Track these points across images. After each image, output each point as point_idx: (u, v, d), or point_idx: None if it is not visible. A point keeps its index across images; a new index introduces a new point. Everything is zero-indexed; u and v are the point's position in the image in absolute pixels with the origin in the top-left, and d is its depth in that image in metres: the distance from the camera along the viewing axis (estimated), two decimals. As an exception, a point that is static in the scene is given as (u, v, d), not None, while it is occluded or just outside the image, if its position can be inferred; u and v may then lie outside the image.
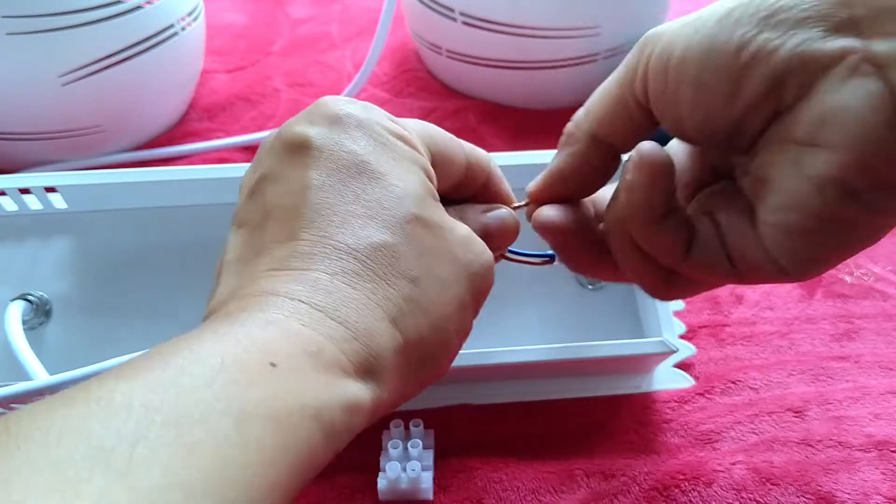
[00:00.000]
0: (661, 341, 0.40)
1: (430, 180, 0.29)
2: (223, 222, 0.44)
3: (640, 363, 0.43)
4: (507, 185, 0.34)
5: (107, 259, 0.45)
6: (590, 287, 0.46)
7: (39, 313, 0.43)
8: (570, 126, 0.34)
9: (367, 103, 0.29)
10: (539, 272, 0.46)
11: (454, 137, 0.32)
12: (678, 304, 0.46)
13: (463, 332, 0.28)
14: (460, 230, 0.29)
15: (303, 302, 0.24)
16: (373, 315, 0.25)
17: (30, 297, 0.43)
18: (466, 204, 0.33)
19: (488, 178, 0.33)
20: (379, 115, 0.29)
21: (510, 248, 0.35)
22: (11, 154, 0.57)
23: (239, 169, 0.44)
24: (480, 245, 0.29)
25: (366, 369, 0.24)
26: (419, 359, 0.26)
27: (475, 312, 0.29)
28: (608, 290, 0.46)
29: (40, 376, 0.36)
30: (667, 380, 0.45)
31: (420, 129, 0.30)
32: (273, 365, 0.21)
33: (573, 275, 0.46)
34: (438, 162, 0.30)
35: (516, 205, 0.34)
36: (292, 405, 0.21)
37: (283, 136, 0.28)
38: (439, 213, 0.28)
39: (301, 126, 0.28)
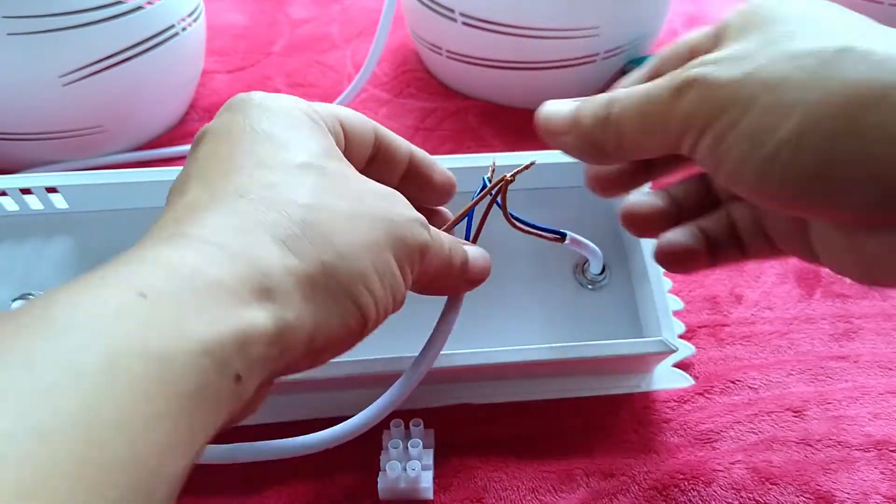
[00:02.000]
0: (660, 341, 0.41)
1: (335, 149, 0.29)
2: None
3: (640, 363, 0.43)
4: (438, 167, 0.36)
5: (108, 259, 0.45)
6: (589, 287, 0.46)
7: None
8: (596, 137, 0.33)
9: (276, 94, 0.30)
10: (539, 272, 0.46)
11: (367, 120, 0.32)
12: (678, 304, 0.46)
13: (383, 271, 0.26)
14: (377, 185, 0.28)
15: (177, 235, 0.23)
16: (254, 236, 0.23)
17: (31, 297, 0.43)
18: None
19: (410, 157, 0.35)
20: (281, 96, 0.29)
21: (523, 219, 0.35)
22: (12, 154, 0.57)
23: None
24: (404, 203, 0.29)
25: (256, 290, 0.22)
26: (329, 287, 0.24)
27: (406, 266, 0.28)
28: (608, 290, 0.46)
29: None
30: (666, 379, 0.45)
31: (331, 108, 0.31)
32: (142, 295, 0.20)
33: (573, 274, 0.46)
34: (356, 141, 0.31)
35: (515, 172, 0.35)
36: (168, 335, 0.19)
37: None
38: (341, 166, 0.28)
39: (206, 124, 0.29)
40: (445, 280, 0.32)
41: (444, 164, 0.45)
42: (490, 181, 0.35)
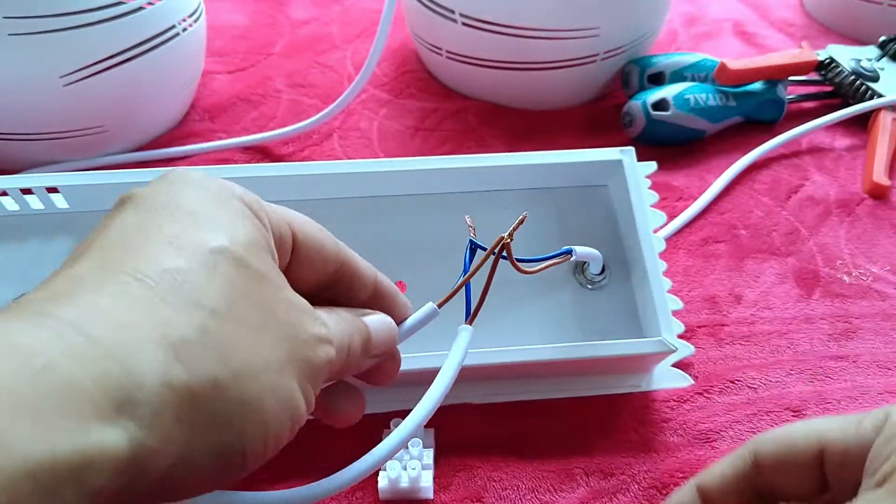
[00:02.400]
0: (660, 341, 0.41)
1: (267, 244, 0.25)
2: None
3: (640, 362, 0.44)
4: (401, 299, 0.31)
5: None
6: (589, 287, 0.46)
7: None
8: None
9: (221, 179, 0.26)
10: (539, 273, 0.46)
11: (324, 230, 0.28)
12: (677, 304, 0.46)
13: (284, 401, 0.23)
14: (296, 298, 0.25)
15: (44, 314, 0.19)
16: (138, 333, 0.19)
17: None
18: (341, 308, 0.29)
19: (375, 285, 0.30)
20: (226, 182, 0.25)
21: (524, 258, 0.33)
22: (13, 154, 0.57)
23: (241, 169, 0.44)
24: (321, 320, 0.25)
25: (118, 401, 0.18)
26: (212, 410, 0.20)
27: (303, 387, 0.24)
28: (608, 290, 0.46)
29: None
30: (666, 379, 0.45)
31: (278, 209, 0.27)
32: None
33: (573, 274, 0.46)
34: (308, 256, 0.27)
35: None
36: None
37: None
38: (264, 265, 0.24)
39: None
40: (348, 371, 0.28)
41: (445, 165, 0.46)
42: (475, 239, 0.33)
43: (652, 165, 0.48)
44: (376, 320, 0.29)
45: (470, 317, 0.33)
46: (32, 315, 0.19)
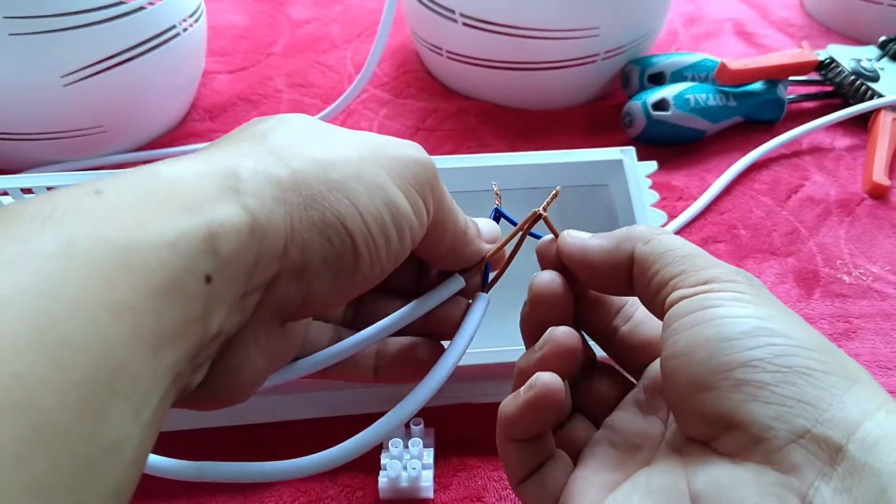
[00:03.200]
0: None
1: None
2: None
3: None
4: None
5: None
6: None
7: None
8: None
9: None
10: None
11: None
12: None
13: (374, 189, 0.25)
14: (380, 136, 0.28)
15: (182, 160, 0.23)
16: (225, 153, 0.23)
17: None
18: None
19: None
20: None
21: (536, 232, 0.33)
22: (13, 154, 0.57)
23: None
24: (400, 141, 0.28)
25: (221, 188, 0.21)
26: (299, 190, 0.23)
27: (401, 183, 0.26)
28: None
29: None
30: None
31: None
32: (98, 192, 0.19)
33: None
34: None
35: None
36: (128, 226, 0.19)
37: None
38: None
39: None
40: (462, 244, 0.31)
41: (445, 165, 0.46)
42: (500, 207, 0.34)
43: (652, 165, 0.48)
44: (482, 220, 0.33)
45: (487, 285, 0.33)
46: (171, 160, 0.23)
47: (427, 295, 0.32)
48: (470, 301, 0.33)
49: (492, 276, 0.34)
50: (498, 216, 0.34)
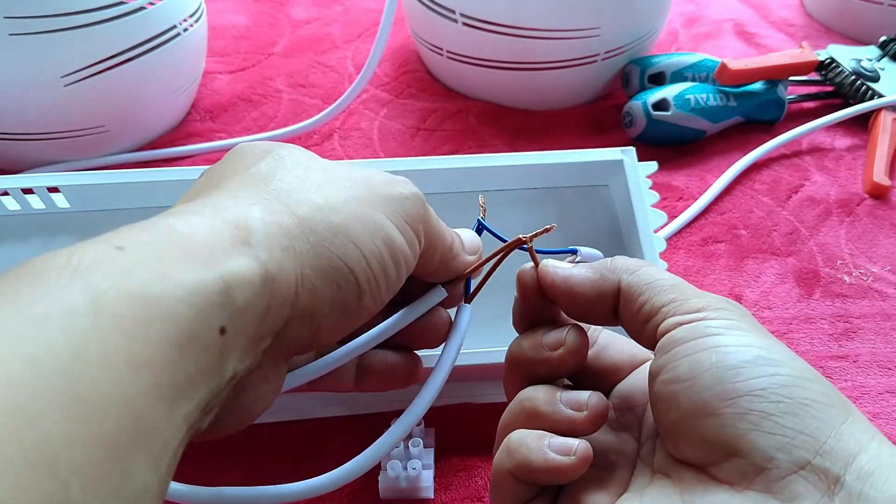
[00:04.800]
0: None
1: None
2: None
3: None
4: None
5: None
6: None
7: None
8: None
9: None
10: None
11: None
12: None
13: (373, 229, 0.26)
14: (366, 170, 0.30)
15: (173, 210, 0.24)
16: (232, 200, 0.24)
17: None
18: None
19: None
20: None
21: (536, 248, 0.34)
22: (14, 154, 0.57)
23: None
24: (390, 176, 0.30)
25: (233, 241, 0.23)
26: (309, 239, 0.25)
27: (395, 220, 0.28)
28: None
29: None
30: None
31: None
32: (120, 248, 0.20)
33: None
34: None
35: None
36: (147, 281, 0.20)
37: None
38: (330, 162, 0.29)
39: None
40: (449, 258, 0.32)
41: (445, 165, 0.46)
42: (483, 220, 0.35)
43: (652, 165, 0.48)
44: (463, 231, 0.34)
45: (469, 296, 0.34)
46: (165, 215, 0.23)
47: (411, 306, 0.33)
48: (451, 309, 0.34)
49: (474, 283, 0.35)
50: (481, 229, 0.35)
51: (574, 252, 0.37)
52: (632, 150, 0.47)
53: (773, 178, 0.61)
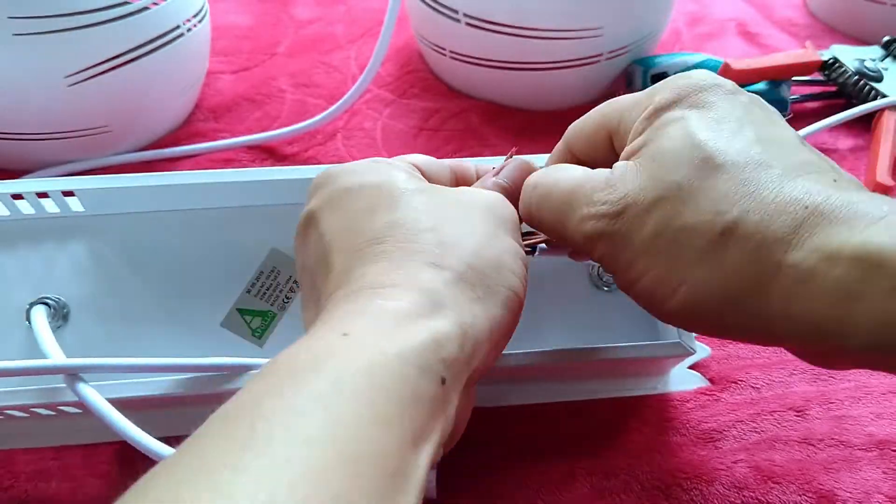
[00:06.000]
0: (677, 343, 0.40)
1: (414, 173, 0.33)
2: (240, 225, 0.45)
3: (657, 365, 0.43)
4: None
5: (124, 262, 0.45)
6: (605, 289, 0.46)
7: (57, 317, 0.43)
8: None
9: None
10: (554, 274, 0.46)
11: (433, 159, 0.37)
12: None
13: (510, 251, 0.30)
14: (455, 189, 0.33)
15: (349, 294, 0.27)
16: (408, 267, 0.28)
17: (48, 301, 0.43)
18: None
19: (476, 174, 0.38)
20: (352, 163, 0.34)
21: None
22: (18, 154, 0.57)
23: (253, 172, 0.44)
24: (478, 190, 0.33)
25: (432, 306, 0.27)
26: (479, 281, 0.28)
27: (512, 234, 0.32)
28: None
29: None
30: (682, 381, 0.45)
31: (404, 158, 0.35)
32: (345, 335, 0.24)
33: (588, 276, 0.46)
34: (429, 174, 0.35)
35: None
36: (374, 355, 0.24)
37: (302, 216, 0.33)
38: (428, 185, 0.32)
39: (308, 205, 0.33)
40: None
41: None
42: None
43: None
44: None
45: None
46: (344, 298, 0.27)
47: None
48: None
49: None
50: None
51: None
52: None
53: (776, 178, 0.61)
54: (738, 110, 0.30)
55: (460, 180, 0.37)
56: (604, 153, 0.34)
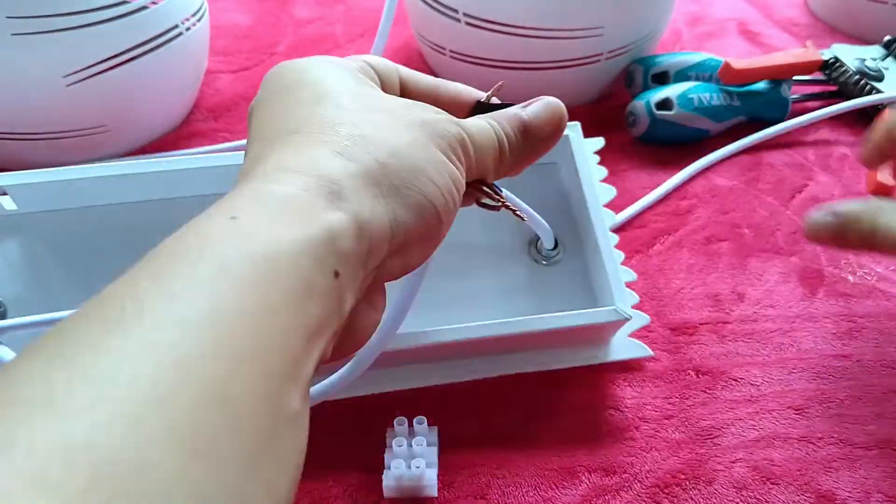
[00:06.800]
0: (613, 310, 0.42)
1: (368, 75, 0.33)
2: (173, 217, 0.43)
3: (596, 333, 0.44)
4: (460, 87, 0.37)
5: (59, 260, 0.44)
6: (544, 263, 0.47)
7: None
8: None
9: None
10: (494, 248, 0.47)
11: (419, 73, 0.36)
12: (630, 276, 0.46)
13: (434, 162, 0.29)
14: (401, 99, 0.32)
15: (250, 176, 0.26)
16: (314, 155, 0.27)
17: None
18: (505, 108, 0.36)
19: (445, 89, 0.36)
20: (305, 58, 0.33)
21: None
22: (16, 154, 0.57)
23: (183, 161, 0.44)
24: (426, 106, 0.32)
25: (329, 194, 0.25)
26: (392, 183, 0.27)
27: (446, 152, 0.30)
28: (562, 266, 0.47)
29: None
30: (625, 350, 0.46)
31: (358, 57, 0.34)
32: (234, 217, 0.23)
33: (527, 251, 0.48)
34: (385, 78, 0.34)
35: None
36: (265, 242, 0.22)
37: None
38: (369, 88, 0.31)
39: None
40: (519, 152, 0.34)
41: None
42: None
43: (599, 141, 0.50)
44: (533, 107, 0.36)
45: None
46: (244, 179, 0.26)
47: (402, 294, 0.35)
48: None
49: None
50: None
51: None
52: (576, 124, 0.48)
53: (776, 177, 0.61)
54: None
55: (409, 85, 0.35)
56: None
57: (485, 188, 0.34)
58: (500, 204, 0.34)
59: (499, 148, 0.33)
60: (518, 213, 0.35)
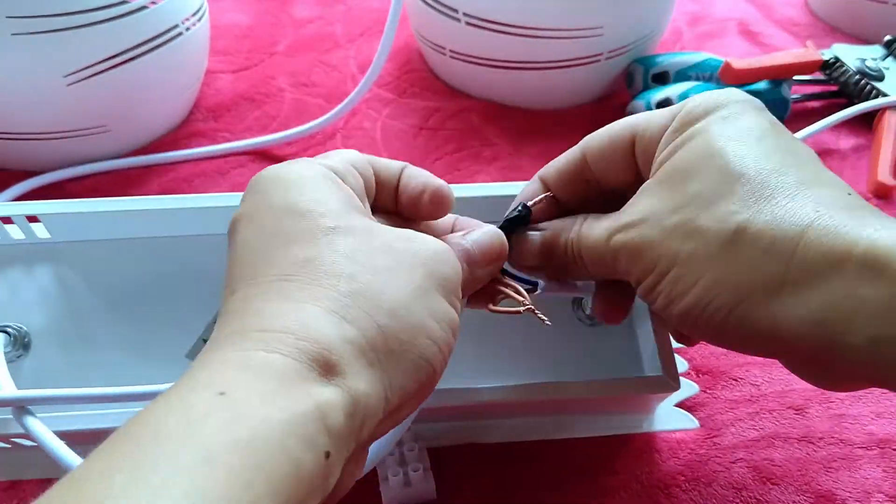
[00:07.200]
0: (660, 378, 0.39)
1: (355, 196, 0.30)
2: (205, 253, 0.42)
3: (640, 401, 0.42)
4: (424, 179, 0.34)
5: (88, 290, 0.44)
6: (588, 323, 0.44)
7: (17, 345, 0.41)
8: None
9: (289, 162, 0.31)
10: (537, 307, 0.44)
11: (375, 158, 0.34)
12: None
13: (436, 314, 0.28)
14: (397, 231, 0.29)
15: (237, 333, 0.25)
16: (312, 314, 0.25)
17: (8, 329, 0.41)
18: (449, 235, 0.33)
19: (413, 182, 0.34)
20: (294, 162, 0.31)
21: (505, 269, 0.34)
22: (16, 154, 0.57)
23: (220, 198, 0.43)
24: (425, 237, 0.30)
25: (323, 366, 0.24)
26: (391, 348, 0.26)
27: (447, 294, 0.29)
28: (607, 327, 0.44)
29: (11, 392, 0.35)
30: (669, 420, 0.44)
31: (344, 155, 0.32)
32: (222, 394, 0.22)
33: (572, 310, 0.45)
34: (371, 176, 0.33)
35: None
36: (252, 424, 0.21)
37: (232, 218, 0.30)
38: (364, 221, 0.29)
39: (239, 207, 0.30)
40: (476, 279, 0.33)
41: (462, 193, 0.42)
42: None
43: None
44: (475, 235, 0.33)
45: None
46: (231, 336, 0.25)
47: None
48: None
49: None
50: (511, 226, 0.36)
51: (535, 284, 0.36)
52: None
53: (776, 177, 0.61)
54: (762, 124, 0.31)
55: (392, 183, 0.33)
56: (621, 158, 0.34)
57: (507, 280, 0.34)
58: (521, 308, 0.33)
59: (475, 275, 0.32)
60: (541, 316, 0.33)
